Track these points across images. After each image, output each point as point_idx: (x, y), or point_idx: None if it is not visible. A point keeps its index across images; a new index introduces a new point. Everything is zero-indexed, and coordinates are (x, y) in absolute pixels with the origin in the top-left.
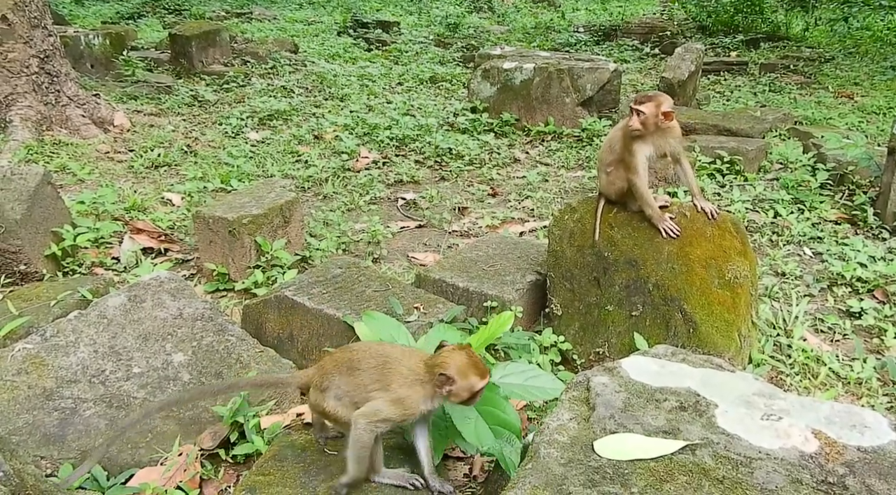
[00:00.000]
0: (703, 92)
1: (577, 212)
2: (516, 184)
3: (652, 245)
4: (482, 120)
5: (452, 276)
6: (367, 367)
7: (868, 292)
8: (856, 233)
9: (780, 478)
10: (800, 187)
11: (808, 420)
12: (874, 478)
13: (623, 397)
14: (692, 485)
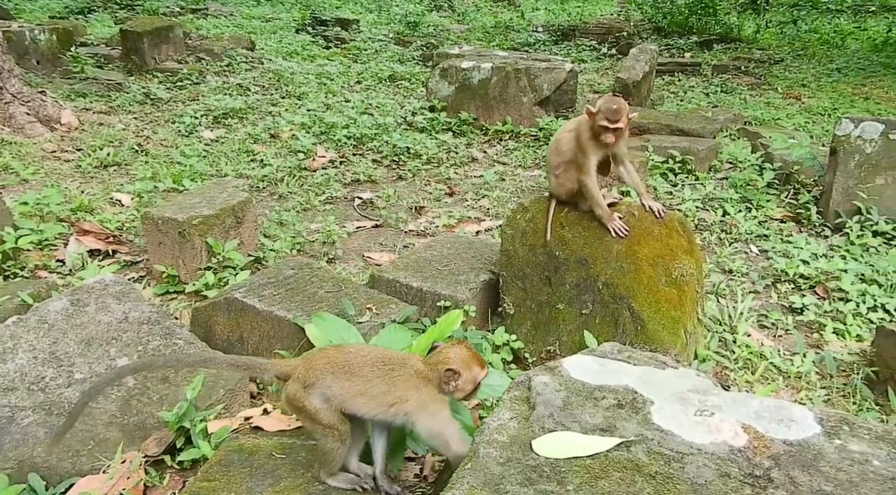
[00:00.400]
0: (658, 92)
1: (529, 212)
2: (473, 184)
3: (601, 244)
4: (440, 119)
5: (406, 276)
6: (370, 374)
7: (810, 288)
8: (800, 231)
9: (709, 473)
10: (748, 186)
11: (739, 415)
12: (798, 470)
13: (563, 396)
14: (626, 481)
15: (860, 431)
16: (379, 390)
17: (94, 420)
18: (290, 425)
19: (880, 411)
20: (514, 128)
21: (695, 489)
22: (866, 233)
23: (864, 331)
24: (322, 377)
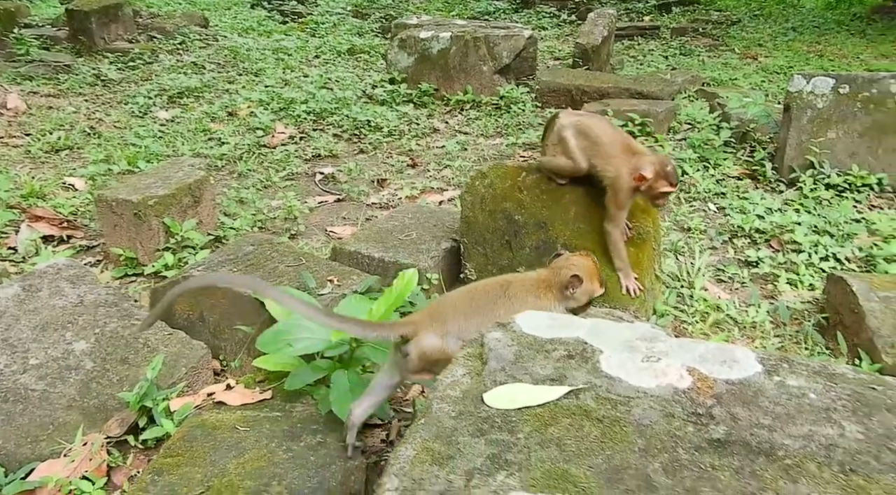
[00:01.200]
0: (618, 56)
1: (487, 178)
2: (435, 154)
3: (559, 206)
4: (400, 91)
5: (368, 248)
6: (492, 301)
7: (765, 242)
8: (756, 187)
9: (654, 414)
10: (705, 146)
11: (685, 359)
12: (738, 407)
13: (515, 350)
14: (574, 426)
15: (798, 368)
16: (503, 310)
17: (53, 405)
18: (253, 398)
19: (830, 354)
20: (475, 97)
21: (640, 430)
22: (819, 186)
23: (816, 280)
24: (453, 322)
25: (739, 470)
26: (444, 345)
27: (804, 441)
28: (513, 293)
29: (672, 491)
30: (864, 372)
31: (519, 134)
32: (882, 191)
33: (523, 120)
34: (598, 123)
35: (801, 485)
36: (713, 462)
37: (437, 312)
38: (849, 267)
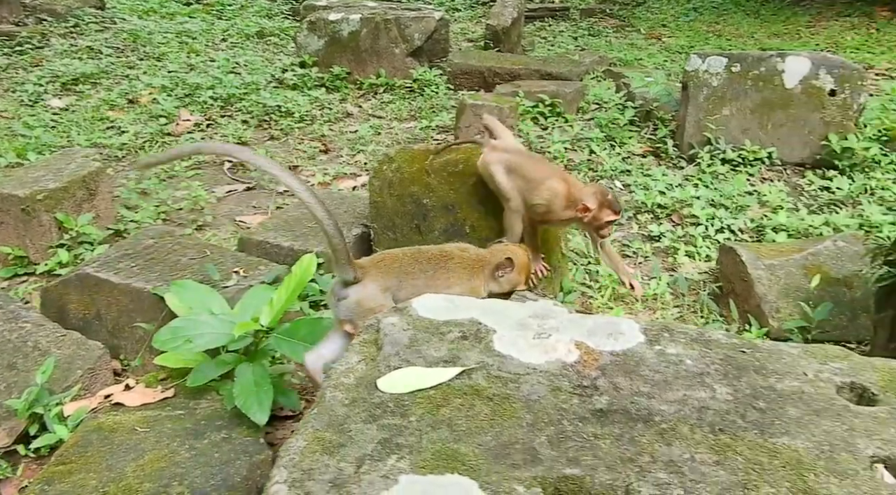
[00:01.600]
0: (529, 38)
1: (395, 162)
2: (349, 139)
3: (466, 189)
4: (312, 75)
5: (276, 237)
6: (433, 264)
7: (667, 217)
8: (659, 164)
9: (542, 389)
10: (611, 125)
11: (573, 334)
12: (621, 377)
13: (410, 334)
14: (466, 406)
15: (678, 336)
16: (441, 281)
17: None
18: (154, 398)
19: (724, 321)
20: (389, 80)
21: (528, 405)
22: (715, 161)
23: (711, 252)
24: (396, 278)
25: (619, 438)
26: (382, 299)
27: (679, 405)
28: (451, 267)
29: (556, 461)
30: (736, 336)
31: (432, 117)
32: (772, 164)
33: (437, 103)
34: (527, 158)
35: (674, 447)
36: (595, 431)
37: (384, 265)
38: (742, 237)
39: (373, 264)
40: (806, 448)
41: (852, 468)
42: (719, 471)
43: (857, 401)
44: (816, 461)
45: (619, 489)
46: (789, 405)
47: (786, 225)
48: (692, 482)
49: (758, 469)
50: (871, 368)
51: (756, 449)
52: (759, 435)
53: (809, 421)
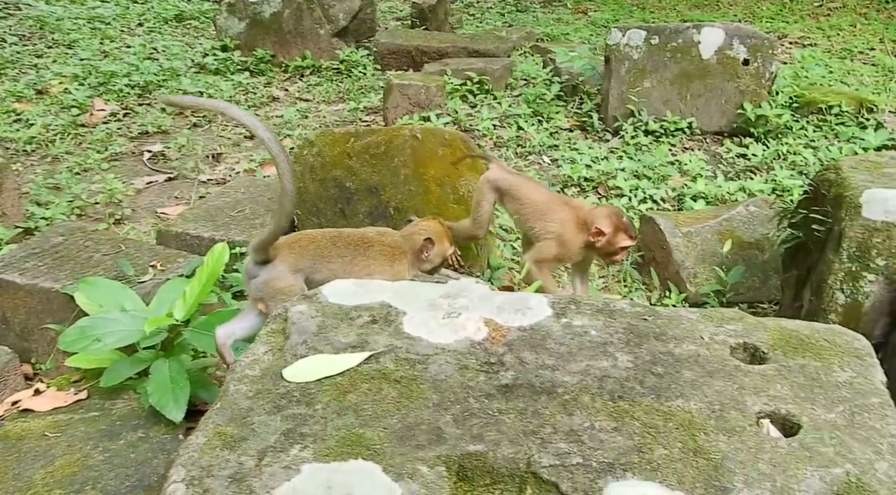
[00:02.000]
0: (457, 15)
1: (315, 146)
2: (275, 124)
3: (389, 170)
4: (234, 59)
5: (197, 227)
6: (352, 249)
7: (593, 189)
8: (585, 138)
9: (450, 368)
10: (539, 101)
11: (483, 311)
12: (527, 351)
13: (318, 321)
14: (373, 391)
15: (584, 308)
16: (360, 268)
17: None
18: (66, 401)
19: (646, 289)
20: (315, 62)
21: (436, 385)
22: (639, 133)
23: (635, 222)
24: (309, 260)
25: (523, 412)
26: (292, 280)
27: (581, 376)
28: (372, 254)
29: (460, 439)
30: (640, 305)
31: (360, 98)
32: (693, 134)
33: (365, 83)
34: (527, 182)
35: (575, 417)
36: (500, 406)
37: (298, 246)
38: (664, 206)
39: (286, 244)
40: (698, 408)
41: (740, 425)
42: (617, 437)
43: (750, 361)
44: (707, 420)
45: (520, 462)
46: (685, 368)
47: (704, 192)
48: (590, 449)
49: (653, 432)
50: (762, 329)
51: (652, 413)
52: (656, 400)
53: (703, 383)
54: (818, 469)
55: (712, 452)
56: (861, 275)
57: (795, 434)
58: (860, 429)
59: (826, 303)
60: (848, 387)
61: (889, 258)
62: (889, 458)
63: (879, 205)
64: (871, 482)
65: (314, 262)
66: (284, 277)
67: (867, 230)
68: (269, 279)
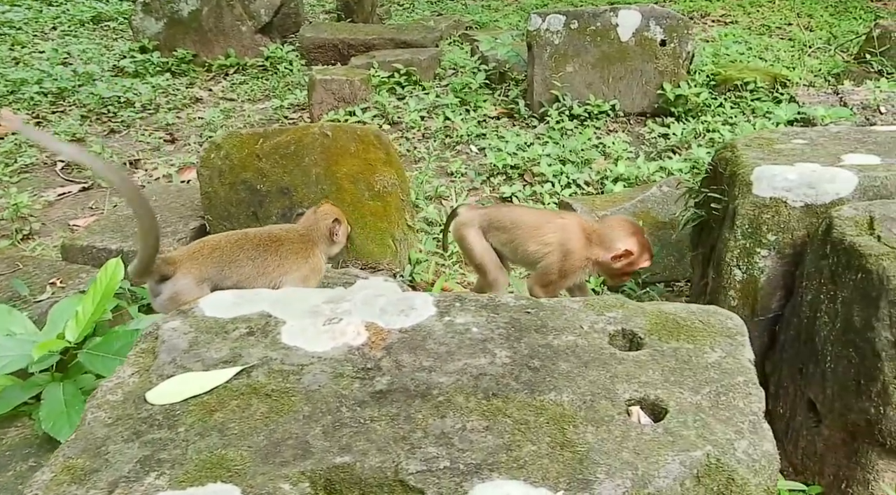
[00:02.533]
0: (385, 6)
1: (222, 149)
2: (197, 126)
3: (300, 170)
4: (153, 60)
5: (104, 240)
6: (261, 250)
7: (519, 177)
8: (513, 125)
9: (324, 377)
10: (465, 90)
11: (366, 314)
12: (405, 353)
13: (191, 337)
14: (241, 407)
15: (469, 305)
16: (275, 268)
17: None
18: None
19: None
20: (239, 60)
21: (308, 396)
22: (564, 118)
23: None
24: (215, 267)
25: (395, 417)
26: (198, 291)
27: (458, 375)
28: (285, 254)
29: (327, 452)
30: (525, 298)
31: (286, 95)
32: (616, 116)
33: (291, 80)
34: (507, 207)
35: (447, 419)
36: (372, 414)
37: (200, 255)
38: (587, 190)
39: (187, 256)
40: (570, 400)
41: (609, 414)
42: (487, 437)
43: (629, 347)
44: (578, 412)
45: (388, 470)
46: (562, 360)
47: (625, 174)
48: (460, 451)
49: (524, 428)
50: (641, 314)
51: (525, 408)
52: (529, 395)
53: (578, 374)
54: (679, 453)
55: (579, 444)
56: (755, 251)
57: (663, 419)
58: (724, 410)
59: (725, 280)
60: (716, 368)
61: (779, 233)
62: (749, 436)
63: (768, 181)
64: (731, 461)
65: (221, 269)
66: (189, 290)
67: (757, 207)
68: (173, 295)
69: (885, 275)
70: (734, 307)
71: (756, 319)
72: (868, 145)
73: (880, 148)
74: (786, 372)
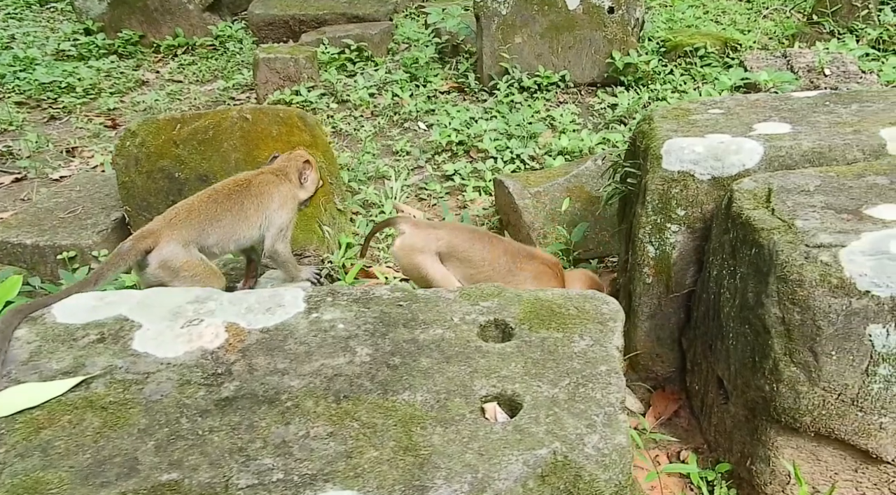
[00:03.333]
0: None
1: (138, 137)
2: (140, 111)
3: (219, 156)
4: (98, 42)
5: (19, 234)
6: (234, 196)
7: (465, 153)
8: (464, 100)
9: (169, 386)
10: (416, 64)
11: (229, 314)
12: (261, 356)
13: (34, 347)
14: (74, 422)
15: (341, 299)
16: (254, 208)
17: None
18: None
19: None
20: (188, 40)
21: (148, 407)
22: (513, 90)
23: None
24: (196, 228)
25: (237, 427)
26: (186, 255)
27: (311, 377)
28: (257, 190)
29: (155, 469)
30: (400, 290)
31: (233, 75)
32: (567, 87)
33: (242, 59)
34: (469, 238)
35: (291, 426)
36: (213, 424)
37: (177, 220)
38: (531, 165)
39: (165, 224)
40: (423, 400)
41: (461, 413)
42: (330, 444)
43: (501, 338)
44: (429, 412)
45: (218, 486)
46: (424, 356)
47: (568, 147)
48: (297, 461)
49: (369, 433)
50: (517, 302)
51: (375, 411)
52: (382, 396)
53: (438, 370)
54: (524, 452)
55: (423, 448)
56: (665, 227)
57: (517, 415)
58: (580, 402)
59: (640, 256)
60: (581, 358)
61: (688, 207)
62: (601, 430)
63: (676, 154)
64: (578, 458)
65: (201, 229)
66: (177, 254)
67: (666, 181)
68: (162, 262)
69: (775, 250)
70: (650, 284)
71: (671, 295)
72: (783, 113)
73: (794, 115)
74: (699, 348)
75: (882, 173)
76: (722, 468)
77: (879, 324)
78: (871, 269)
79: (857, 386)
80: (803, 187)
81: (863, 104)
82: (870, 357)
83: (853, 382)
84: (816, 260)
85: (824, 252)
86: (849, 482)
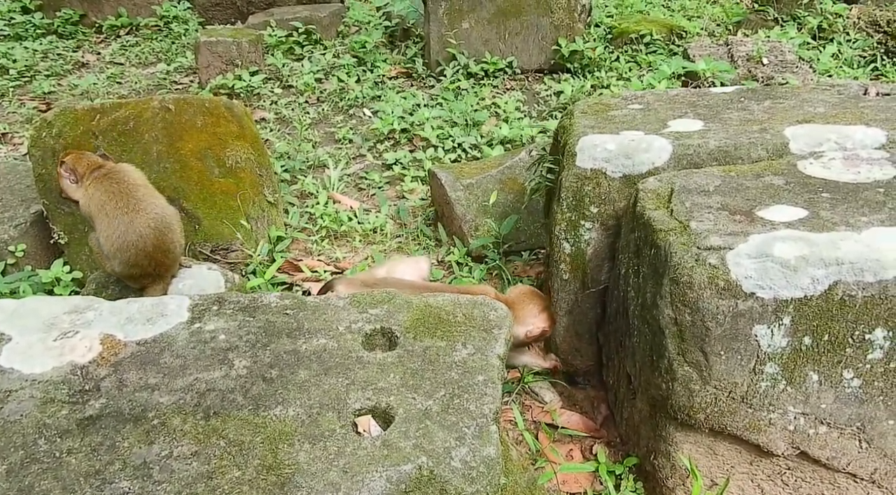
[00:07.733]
0: None
1: (54, 127)
2: (77, 95)
3: (140, 148)
4: (36, 21)
5: None
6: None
7: (408, 141)
8: (411, 86)
9: (31, 405)
10: (363, 48)
11: (107, 325)
12: (133, 371)
13: None
14: None
15: (227, 307)
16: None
17: None
18: None
19: (436, 245)
20: (132, 20)
21: (4, 428)
22: (460, 77)
23: None
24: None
25: (97, 448)
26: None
27: (182, 393)
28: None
29: None
30: (290, 296)
31: (176, 58)
32: (514, 73)
33: (187, 41)
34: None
35: (155, 446)
36: (72, 445)
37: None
38: (473, 154)
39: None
40: (295, 415)
41: (332, 428)
42: (192, 464)
43: (388, 346)
44: (299, 428)
45: None
46: (303, 367)
47: (509, 136)
48: (155, 484)
49: (235, 451)
50: (406, 309)
51: (244, 427)
52: (253, 411)
53: (314, 383)
54: (388, 468)
55: (287, 466)
56: (579, 224)
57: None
58: (453, 414)
59: (556, 252)
60: (460, 367)
61: (601, 205)
62: (471, 442)
63: (589, 152)
64: (445, 473)
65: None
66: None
67: (580, 179)
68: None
69: (669, 252)
70: (566, 280)
71: (587, 291)
72: (699, 109)
73: (709, 112)
74: (612, 344)
75: (779, 173)
76: (630, 462)
77: (764, 324)
78: (755, 272)
79: (745, 385)
80: (704, 187)
81: (775, 101)
82: (756, 356)
83: (742, 380)
84: (705, 262)
85: (713, 254)
86: (745, 474)
